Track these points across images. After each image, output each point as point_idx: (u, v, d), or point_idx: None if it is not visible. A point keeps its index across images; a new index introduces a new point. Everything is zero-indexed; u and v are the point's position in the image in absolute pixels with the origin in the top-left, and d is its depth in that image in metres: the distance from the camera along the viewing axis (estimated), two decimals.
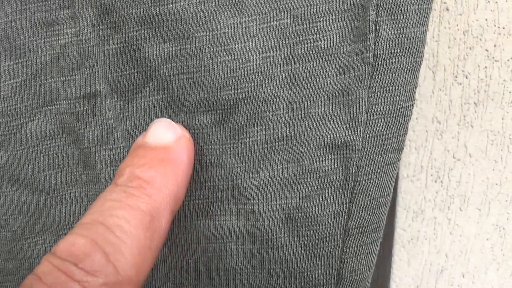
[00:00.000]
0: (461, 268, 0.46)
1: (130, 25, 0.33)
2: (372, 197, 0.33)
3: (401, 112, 0.32)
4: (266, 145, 0.33)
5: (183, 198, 0.32)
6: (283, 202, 0.34)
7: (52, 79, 0.34)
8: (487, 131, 0.41)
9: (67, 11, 0.34)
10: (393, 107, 0.32)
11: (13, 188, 0.35)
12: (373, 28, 0.32)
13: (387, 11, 0.32)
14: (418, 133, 0.43)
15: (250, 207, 0.34)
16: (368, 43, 0.32)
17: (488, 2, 0.38)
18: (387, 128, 0.33)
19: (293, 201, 0.34)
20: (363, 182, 0.33)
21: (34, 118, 0.34)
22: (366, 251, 0.34)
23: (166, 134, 0.33)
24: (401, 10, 0.32)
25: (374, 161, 0.33)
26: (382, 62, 0.32)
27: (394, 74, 0.32)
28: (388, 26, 0.32)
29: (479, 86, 0.41)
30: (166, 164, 0.31)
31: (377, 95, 0.32)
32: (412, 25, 0.32)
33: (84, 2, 0.33)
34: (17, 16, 0.34)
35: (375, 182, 0.33)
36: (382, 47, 0.32)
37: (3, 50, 0.34)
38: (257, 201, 0.34)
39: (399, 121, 0.33)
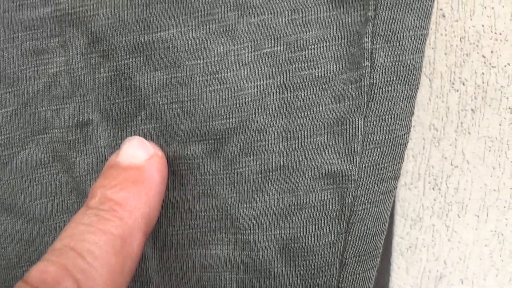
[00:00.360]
0: (460, 275, 0.46)
1: (121, 53, 0.33)
2: (368, 226, 0.33)
3: (397, 140, 0.32)
4: (260, 175, 0.33)
5: (156, 218, 0.32)
6: (278, 232, 0.33)
7: (44, 108, 0.34)
8: (485, 137, 0.41)
9: (57, 40, 0.33)
10: (389, 136, 0.32)
11: (6, 217, 0.35)
12: (369, 56, 0.31)
13: (383, 39, 0.31)
14: (415, 141, 0.43)
15: (244, 237, 0.34)
16: (364, 71, 0.31)
17: (485, 8, 0.38)
18: (383, 157, 0.32)
19: (288, 231, 0.33)
20: (360, 212, 0.33)
21: (26, 147, 0.34)
22: (363, 279, 0.34)
23: (138, 153, 0.32)
24: (397, 37, 0.31)
25: (371, 191, 0.32)
26: (378, 90, 0.31)
27: (390, 103, 0.32)
28: (384, 53, 0.31)
29: (476, 93, 0.40)
30: (138, 185, 0.31)
31: (373, 124, 0.32)
32: (409, 52, 0.31)
33: (74, 31, 0.33)
34: (6, 45, 0.33)
35: (372, 211, 0.33)
36: (377, 76, 0.31)
37: None
38: (252, 231, 0.34)
39: (396, 149, 0.32)
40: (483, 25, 0.38)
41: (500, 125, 0.41)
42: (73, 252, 0.28)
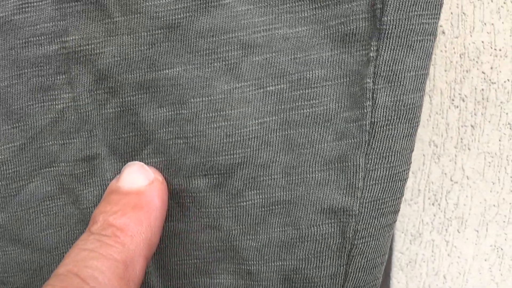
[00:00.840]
0: None
1: (127, 90, 0.33)
2: (368, 259, 0.33)
3: (398, 176, 0.33)
4: (263, 209, 0.33)
5: (157, 243, 0.33)
6: (280, 263, 0.34)
7: (50, 142, 0.34)
8: (484, 153, 0.41)
9: (64, 77, 0.33)
10: (390, 173, 0.32)
11: (14, 247, 0.35)
12: (370, 96, 0.32)
13: (384, 79, 0.31)
14: (415, 157, 0.43)
15: (248, 267, 0.34)
16: (365, 110, 0.32)
17: (485, 25, 0.38)
18: (383, 193, 0.33)
19: (290, 263, 0.34)
20: (360, 245, 0.33)
21: (33, 180, 0.35)
22: None
23: (138, 178, 0.33)
24: (398, 78, 0.31)
25: (371, 225, 0.33)
26: (379, 129, 0.32)
27: (391, 141, 0.32)
28: (385, 93, 0.32)
29: (476, 109, 0.40)
30: (139, 210, 0.32)
31: (373, 162, 0.32)
32: (409, 92, 0.32)
33: (81, 68, 0.33)
34: (13, 81, 0.33)
35: (372, 244, 0.33)
36: (379, 115, 0.32)
37: (0, 114, 0.34)
38: (255, 262, 0.34)
39: (396, 185, 0.33)
40: (483, 42, 0.38)
41: (499, 140, 0.41)
42: (77, 278, 0.29)
